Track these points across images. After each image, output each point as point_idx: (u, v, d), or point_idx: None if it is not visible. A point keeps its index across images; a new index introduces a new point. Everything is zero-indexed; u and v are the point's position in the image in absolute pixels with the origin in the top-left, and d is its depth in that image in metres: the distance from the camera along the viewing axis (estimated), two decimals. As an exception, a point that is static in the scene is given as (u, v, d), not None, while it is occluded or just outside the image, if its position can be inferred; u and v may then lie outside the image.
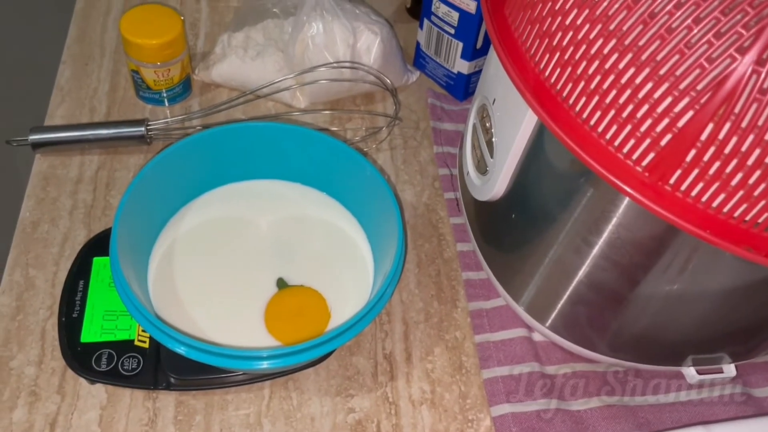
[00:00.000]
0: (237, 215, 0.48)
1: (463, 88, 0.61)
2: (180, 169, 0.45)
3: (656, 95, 0.28)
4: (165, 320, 0.42)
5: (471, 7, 0.54)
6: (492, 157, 0.42)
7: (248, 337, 0.43)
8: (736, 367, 0.44)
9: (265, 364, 0.37)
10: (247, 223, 0.48)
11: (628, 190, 0.30)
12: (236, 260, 0.46)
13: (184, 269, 0.45)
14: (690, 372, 0.44)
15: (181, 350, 0.37)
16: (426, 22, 0.59)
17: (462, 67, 0.59)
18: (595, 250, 0.38)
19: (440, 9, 0.57)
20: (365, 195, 0.46)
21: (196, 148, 0.45)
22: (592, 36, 0.30)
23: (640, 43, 0.28)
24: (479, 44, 0.57)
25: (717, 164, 0.28)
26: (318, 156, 0.47)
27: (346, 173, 0.47)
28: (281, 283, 0.45)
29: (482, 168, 0.44)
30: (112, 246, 0.39)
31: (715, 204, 0.29)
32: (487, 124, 0.42)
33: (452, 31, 0.57)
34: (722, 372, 0.44)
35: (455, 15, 0.56)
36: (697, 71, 0.27)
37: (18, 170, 0.53)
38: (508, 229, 0.45)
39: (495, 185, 0.42)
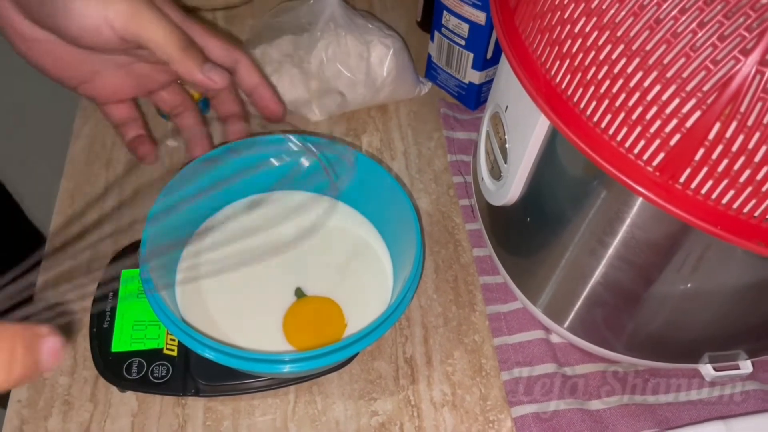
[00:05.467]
0: (258, 225, 0.50)
1: (474, 97, 0.62)
2: (203, 181, 0.47)
3: (664, 97, 0.29)
4: (192, 326, 0.43)
5: (481, 18, 0.56)
6: (506, 162, 0.43)
7: (268, 344, 0.44)
8: (752, 363, 0.45)
9: (287, 368, 0.38)
10: (268, 233, 0.49)
11: (640, 189, 0.31)
12: (257, 269, 0.47)
13: (209, 279, 0.46)
14: (707, 369, 0.44)
15: (209, 355, 0.38)
16: (437, 34, 0.61)
17: (473, 77, 0.60)
18: (610, 250, 0.39)
19: (450, 21, 0.58)
20: (383, 203, 0.48)
21: (219, 161, 0.47)
22: (600, 42, 0.31)
23: (647, 47, 0.29)
24: (489, 54, 0.58)
25: (725, 162, 0.29)
26: (337, 166, 0.48)
27: (365, 182, 0.48)
28: (299, 293, 0.46)
29: (496, 173, 0.45)
30: (142, 261, 0.40)
31: (725, 201, 0.30)
32: (501, 131, 0.43)
33: (463, 43, 0.59)
34: (739, 368, 0.44)
35: (465, 27, 0.57)
36: (703, 73, 0.28)
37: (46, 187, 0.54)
38: (524, 233, 0.46)
39: (510, 190, 0.43)
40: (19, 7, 0.38)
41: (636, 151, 0.31)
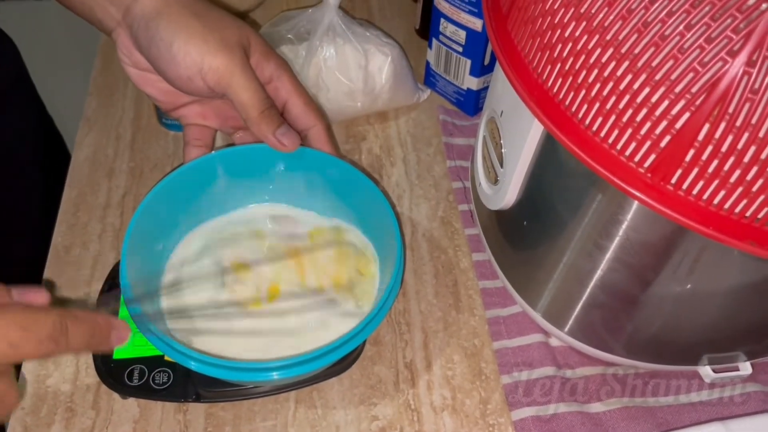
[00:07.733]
0: (245, 234, 0.50)
1: (473, 103, 0.62)
2: (185, 193, 0.47)
3: (653, 99, 0.30)
4: (175, 336, 0.43)
5: (477, 25, 0.56)
6: (502, 167, 0.43)
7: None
8: (751, 364, 0.45)
9: (275, 375, 0.38)
10: (254, 242, 0.49)
11: (632, 191, 0.32)
12: (243, 277, 0.47)
13: (194, 289, 0.46)
14: (706, 371, 0.44)
15: (193, 366, 0.38)
16: (435, 41, 0.61)
17: (471, 83, 0.61)
18: (607, 253, 0.39)
19: (448, 28, 0.59)
20: (370, 211, 0.48)
21: (201, 171, 0.47)
22: (590, 46, 0.31)
23: (636, 50, 0.30)
24: (487, 61, 0.59)
25: (715, 162, 0.29)
26: (321, 177, 0.49)
27: (350, 191, 0.48)
28: None
29: (493, 178, 0.45)
30: (122, 272, 0.41)
31: (716, 201, 0.30)
32: (497, 136, 0.44)
33: (460, 50, 0.59)
34: (738, 370, 0.44)
35: (462, 34, 0.58)
36: (691, 75, 0.28)
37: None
38: (521, 237, 0.46)
39: (506, 194, 0.43)
40: (137, 45, 0.43)
41: (627, 153, 0.31)
